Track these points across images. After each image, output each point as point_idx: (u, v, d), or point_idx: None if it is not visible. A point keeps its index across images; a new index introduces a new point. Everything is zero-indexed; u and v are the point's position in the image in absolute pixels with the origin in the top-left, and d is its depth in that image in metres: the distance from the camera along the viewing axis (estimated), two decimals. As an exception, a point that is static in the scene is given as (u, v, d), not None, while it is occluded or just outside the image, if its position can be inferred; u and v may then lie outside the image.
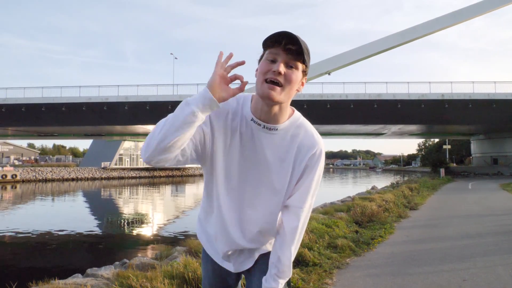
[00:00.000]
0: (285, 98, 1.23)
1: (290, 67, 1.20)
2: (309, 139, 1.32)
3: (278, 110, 1.26)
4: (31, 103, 32.93)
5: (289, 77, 1.20)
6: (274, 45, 1.19)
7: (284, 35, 1.17)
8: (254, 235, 1.43)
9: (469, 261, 4.85)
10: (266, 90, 1.19)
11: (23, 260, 9.37)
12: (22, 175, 42.25)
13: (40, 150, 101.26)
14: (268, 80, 1.19)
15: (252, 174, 1.34)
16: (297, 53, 1.19)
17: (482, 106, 31.68)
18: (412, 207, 10.99)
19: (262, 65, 1.21)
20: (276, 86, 1.19)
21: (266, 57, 1.21)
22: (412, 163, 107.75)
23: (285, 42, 1.17)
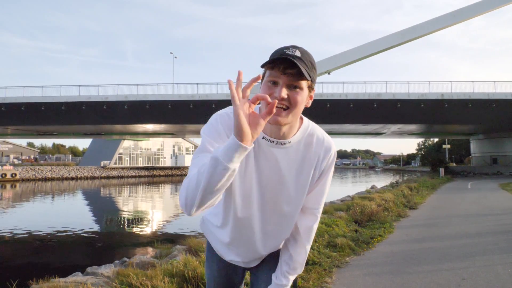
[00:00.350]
0: (293, 119, 1.18)
1: (293, 88, 1.14)
2: (323, 144, 1.30)
3: (287, 127, 1.23)
4: (30, 102, 32.89)
5: (294, 99, 1.14)
6: (273, 68, 1.13)
7: (281, 60, 1.11)
8: (274, 246, 1.46)
9: (469, 260, 4.87)
10: (273, 116, 1.12)
11: (24, 259, 9.37)
12: (21, 174, 42.25)
13: (39, 149, 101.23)
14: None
15: (270, 191, 1.31)
16: (298, 74, 1.12)
17: (482, 106, 31.69)
18: (411, 207, 11.01)
19: (264, 88, 1.16)
20: (282, 110, 1.14)
21: (267, 79, 1.15)
22: (411, 162, 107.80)
23: (283, 67, 1.11)
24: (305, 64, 1.12)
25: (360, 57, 38.62)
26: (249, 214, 1.34)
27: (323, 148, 1.30)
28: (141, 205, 21.97)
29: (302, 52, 1.14)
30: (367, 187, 20.28)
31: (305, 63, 1.13)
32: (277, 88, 1.13)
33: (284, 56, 1.10)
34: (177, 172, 60.36)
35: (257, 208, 1.34)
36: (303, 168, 1.30)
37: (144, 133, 50.40)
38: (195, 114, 32.95)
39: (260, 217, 1.36)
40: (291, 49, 1.13)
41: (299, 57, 1.12)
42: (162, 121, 36.36)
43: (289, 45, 1.16)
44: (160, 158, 71.66)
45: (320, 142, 1.30)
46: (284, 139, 1.25)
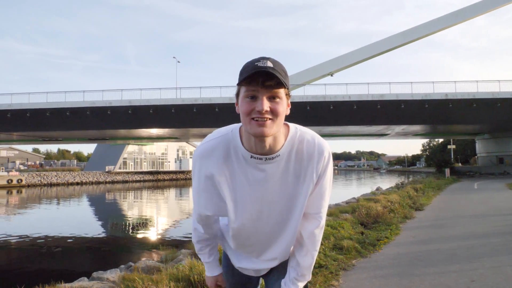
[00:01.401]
0: (277, 129, 1.18)
1: (273, 98, 1.15)
2: (314, 148, 1.27)
3: (272, 140, 1.21)
4: (36, 108, 33.09)
5: (276, 111, 1.14)
6: (251, 82, 1.13)
7: (260, 74, 1.11)
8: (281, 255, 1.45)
9: (477, 262, 4.81)
10: (257, 129, 1.13)
11: (29, 264, 9.40)
12: (27, 179, 42.48)
13: (45, 155, 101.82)
14: (255, 119, 1.14)
15: (267, 205, 1.32)
16: (277, 85, 1.13)
17: (487, 105, 31.50)
18: (417, 208, 10.93)
19: (243, 104, 1.15)
20: (265, 121, 1.14)
21: (245, 95, 1.15)
22: (416, 163, 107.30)
23: (261, 80, 1.12)
24: (279, 74, 1.12)
25: (362, 58, 38.67)
26: (245, 227, 1.35)
27: (316, 151, 1.27)
28: (146, 209, 22.00)
29: (273, 62, 1.14)
30: (372, 188, 20.19)
31: (279, 72, 1.13)
32: (257, 102, 1.13)
33: (260, 69, 1.10)
34: (181, 176, 60.43)
35: (254, 221, 1.34)
36: (298, 176, 1.28)
37: (148, 137, 50.54)
38: (198, 118, 33.03)
39: (259, 229, 1.36)
40: (261, 61, 1.13)
41: (272, 67, 1.12)
42: (166, 125, 36.45)
43: (258, 58, 1.16)
44: (164, 162, 71.79)
45: (311, 146, 1.27)
46: (272, 154, 1.23)
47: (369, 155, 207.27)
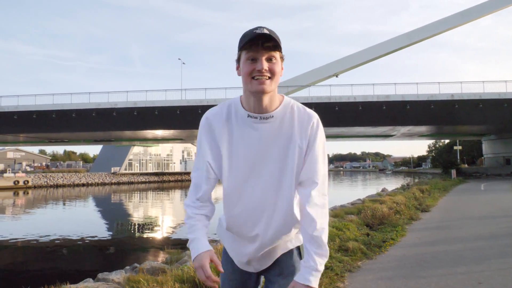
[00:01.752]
0: (274, 87, 1.33)
1: (270, 60, 1.31)
2: (304, 114, 1.39)
3: (268, 100, 1.35)
4: (42, 110, 33.36)
5: (273, 69, 1.31)
6: (251, 46, 1.28)
7: (260, 36, 1.26)
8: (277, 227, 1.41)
9: (484, 263, 4.76)
10: (257, 86, 1.29)
11: (35, 265, 9.45)
12: (33, 181, 42.79)
13: (51, 156, 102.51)
14: (256, 78, 1.29)
15: (260, 166, 1.38)
16: (274, 47, 1.30)
17: (493, 106, 31.26)
18: (423, 209, 10.85)
19: (245, 66, 1.31)
20: (265, 79, 1.29)
21: (246, 57, 1.31)
22: (422, 164, 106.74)
23: (262, 41, 1.28)
24: (277, 39, 1.30)
25: (368, 59, 38.56)
26: (236, 187, 1.40)
27: (305, 117, 1.39)
28: (151, 210, 22.05)
29: (269, 30, 1.29)
30: (378, 190, 20.09)
31: (277, 37, 1.30)
32: (257, 63, 1.29)
33: (262, 33, 1.27)
34: (186, 177, 60.54)
35: (246, 181, 1.39)
36: (289, 138, 1.37)
37: (153, 139, 50.72)
38: (204, 119, 33.08)
39: (249, 193, 1.40)
40: (259, 29, 1.28)
41: (268, 33, 1.28)
42: (171, 126, 36.56)
43: (255, 27, 1.31)
44: (170, 163, 71.99)
45: (302, 112, 1.39)
46: (266, 113, 1.36)
47: (374, 156, 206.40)
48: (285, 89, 35.13)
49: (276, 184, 1.38)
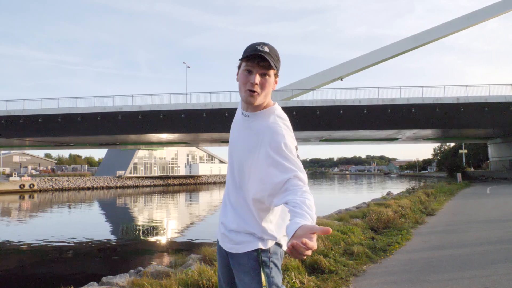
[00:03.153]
0: (262, 100, 1.53)
1: (263, 75, 1.49)
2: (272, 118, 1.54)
3: (257, 105, 1.55)
4: (48, 114, 33.57)
5: (263, 85, 1.50)
6: (249, 61, 1.48)
7: (256, 56, 1.45)
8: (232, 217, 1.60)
9: (490, 268, 4.71)
10: (247, 98, 1.50)
11: (40, 268, 9.48)
12: (39, 184, 43.02)
13: (56, 160, 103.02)
14: (248, 89, 1.49)
15: (240, 150, 1.60)
16: (268, 67, 1.48)
17: (499, 109, 31.03)
18: (429, 213, 10.78)
19: (241, 76, 1.52)
20: (254, 93, 1.49)
21: (244, 68, 1.50)
22: (427, 168, 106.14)
23: (257, 60, 1.46)
24: (272, 58, 1.48)
25: (372, 62, 38.47)
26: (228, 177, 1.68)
27: (271, 119, 1.53)
28: (156, 214, 22.09)
29: (270, 48, 1.49)
30: (383, 193, 19.96)
31: (272, 57, 1.48)
32: (252, 75, 1.48)
33: (258, 52, 1.45)
34: (191, 181, 60.63)
35: (231, 171, 1.65)
36: (256, 136, 1.52)
37: (158, 142, 50.85)
38: (208, 123, 33.14)
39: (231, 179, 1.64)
40: (261, 45, 1.48)
41: (268, 52, 1.47)
42: (176, 130, 36.65)
43: (259, 42, 1.50)
44: (175, 167, 72.11)
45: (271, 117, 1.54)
46: (246, 112, 1.58)
47: (379, 160, 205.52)
48: (290, 93, 35.14)
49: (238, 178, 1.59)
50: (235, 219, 1.59)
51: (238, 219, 1.58)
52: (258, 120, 1.55)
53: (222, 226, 1.66)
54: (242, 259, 1.54)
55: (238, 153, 1.60)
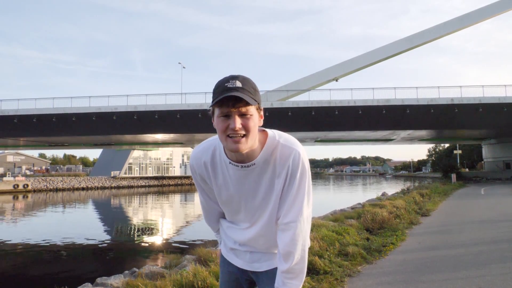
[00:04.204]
0: (251, 143, 1.29)
1: (244, 115, 1.25)
2: (285, 149, 1.36)
3: (248, 151, 1.33)
4: (42, 113, 33.35)
5: (247, 126, 1.26)
6: (222, 105, 1.24)
7: (229, 98, 1.22)
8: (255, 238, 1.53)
9: (485, 268, 4.74)
10: (232, 145, 1.26)
11: (33, 269, 9.41)
12: (33, 184, 42.71)
13: (51, 160, 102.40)
14: (230, 136, 1.26)
15: (248, 201, 1.46)
16: (246, 104, 1.24)
17: (493, 110, 31.28)
18: (423, 213, 10.83)
19: (218, 123, 1.27)
20: (240, 137, 1.25)
21: (219, 113, 1.26)
22: (422, 168, 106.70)
23: (232, 103, 1.23)
24: (249, 92, 1.25)
25: (368, 63, 38.63)
26: (232, 217, 1.56)
27: (286, 151, 1.36)
28: (151, 214, 22.00)
29: (242, 81, 1.25)
30: (378, 194, 20.04)
31: (248, 91, 1.25)
32: (230, 120, 1.25)
33: (229, 93, 1.21)
34: (186, 181, 60.44)
35: (239, 215, 1.52)
36: (271, 177, 1.39)
37: (153, 143, 50.70)
38: (204, 123, 33.09)
39: (242, 221, 1.53)
40: (231, 82, 1.24)
41: (241, 87, 1.23)
42: (171, 130, 36.57)
43: (228, 77, 1.27)
44: (170, 167, 71.93)
45: (283, 148, 1.37)
46: (248, 162, 1.36)
47: (374, 160, 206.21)
48: (285, 93, 35.18)
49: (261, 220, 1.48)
50: (264, 243, 1.53)
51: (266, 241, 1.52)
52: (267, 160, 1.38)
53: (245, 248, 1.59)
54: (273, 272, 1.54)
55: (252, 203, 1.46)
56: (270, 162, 1.37)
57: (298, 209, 1.37)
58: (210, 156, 1.44)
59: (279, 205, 1.42)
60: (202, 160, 1.45)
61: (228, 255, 1.66)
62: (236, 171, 1.39)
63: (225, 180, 1.44)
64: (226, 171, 1.42)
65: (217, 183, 1.46)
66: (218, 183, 1.46)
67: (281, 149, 1.36)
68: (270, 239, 1.50)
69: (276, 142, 1.37)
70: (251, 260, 1.57)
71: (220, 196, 1.49)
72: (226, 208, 1.54)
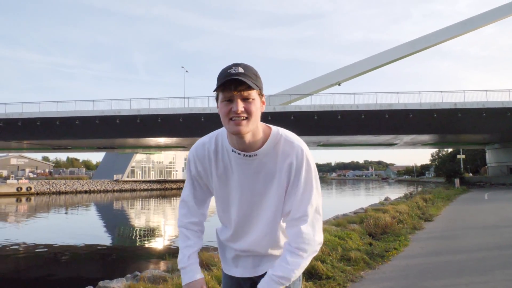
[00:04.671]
0: (253, 127, 1.32)
1: (247, 100, 1.29)
2: (288, 145, 1.38)
3: (251, 137, 1.35)
4: (46, 117, 33.50)
5: (249, 110, 1.29)
6: (225, 89, 1.28)
7: (232, 81, 1.26)
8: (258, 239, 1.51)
9: (488, 274, 4.71)
10: (234, 128, 1.29)
11: (36, 272, 9.42)
12: (36, 187, 42.85)
13: (54, 163, 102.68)
14: (233, 119, 1.29)
15: (247, 193, 1.45)
16: (248, 88, 1.28)
17: (497, 115, 31.16)
18: (426, 219, 10.78)
19: (221, 107, 1.31)
20: (241, 120, 1.28)
21: (222, 98, 1.30)
22: (425, 173, 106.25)
23: (233, 86, 1.27)
24: (250, 78, 1.28)
25: (370, 68, 38.63)
26: (231, 217, 1.52)
27: (289, 148, 1.38)
28: (153, 218, 22.00)
29: (244, 68, 1.30)
30: (381, 198, 19.99)
31: (250, 76, 1.29)
32: (233, 104, 1.29)
33: (231, 76, 1.26)
34: (189, 185, 60.40)
35: (238, 212, 1.49)
36: (273, 171, 1.40)
37: (156, 146, 50.79)
38: (206, 127, 33.02)
39: (241, 221, 1.50)
40: (233, 68, 1.29)
41: (243, 73, 1.28)
42: (174, 134, 36.63)
43: (231, 64, 1.31)
44: (172, 171, 72.01)
45: (286, 143, 1.39)
46: (251, 151, 1.38)
47: (377, 165, 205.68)
48: (287, 97, 35.20)
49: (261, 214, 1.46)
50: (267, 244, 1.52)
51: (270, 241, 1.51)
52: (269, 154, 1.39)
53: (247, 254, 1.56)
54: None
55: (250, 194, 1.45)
56: (272, 155, 1.39)
57: (308, 203, 1.38)
58: (213, 144, 1.46)
59: (287, 201, 1.41)
60: (206, 147, 1.47)
61: (226, 267, 1.64)
62: (237, 159, 1.40)
63: (225, 168, 1.45)
64: (227, 159, 1.43)
65: (217, 172, 1.46)
66: (218, 172, 1.46)
67: (283, 144, 1.39)
68: (274, 239, 1.50)
69: (279, 137, 1.39)
70: (253, 265, 1.56)
71: (219, 187, 1.49)
72: (223, 200, 1.51)
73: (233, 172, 1.44)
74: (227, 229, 1.58)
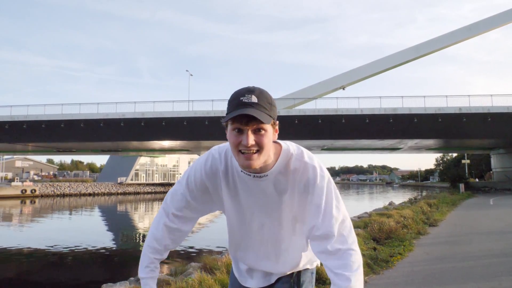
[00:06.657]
0: (264, 159, 1.22)
1: (258, 131, 1.18)
2: (299, 164, 1.30)
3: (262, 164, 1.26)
4: (51, 119, 33.75)
5: (261, 143, 1.18)
6: (235, 120, 1.17)
7: (243, 116, 1.15)
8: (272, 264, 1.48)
9: (494, 280, 4.66)
10: (244, 162, 1.19)
11: (39, 274, 9.44)
12: (41, 190, 43.06)
13: (58, 166, 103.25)
14: (242, 151, 1.18)
15: (257, 212, 1.39)
16: (260, 122, 1.16)
17: (502, 119, 31.00)
18: (431, 224, 10.71)
19: (231, 136, 1.20)
20: (252, 154, 1.18)
21: (232, 127, 1.19)
22: (430, 178, 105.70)
23: (245, 121, 1.16)
24: (264, 108, 1.17)
25: (375, 72, 38.61)
26: (243, 237, 1.47)
27: (300, 165, 1.30)
28: (157, 221, 22.00)
29: (258, 96, 1.18)
30: (385, 203, 19.89)
31: (264, 106, 1.17)
32: (243, 135, 1.17)
33: (243, 108, 1.14)
34: (192, 188, 60.49)
35: (249, 231, 1.44)
36: (284, 190, 1.32)
37: (160, 149, 50.93)
38: (210, 131, 33.21)
39: (254, 240, 1.45)
40: (246, 96, 1.17)
41: (256, 103, 1.16)
42: (178, 137, 36.73)
43: (243, 89, 1.19)
44: (176, 174, 72.12)
45: (297, 160, 1.30)
46: (261, 173, 1.28)
47: (381, 169, 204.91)
48: (292, 101, 35.24)
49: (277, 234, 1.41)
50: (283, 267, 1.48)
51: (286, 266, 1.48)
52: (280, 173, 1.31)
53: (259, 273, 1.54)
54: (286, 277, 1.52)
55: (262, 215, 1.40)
56: (284, 175, 1.30)
57: (330, 217, 1.29)
58: (223, 162, 1.37)
59: (309, 221, 1.33)
60: (216, 164, 1.37)
61: (242, 279, 1.59)
62: (247, 180, 1.32)
63: (235, 187, 1.37)
64: (237, 178, 1.35)
65: (228, 191, 1.39)
66: (229, 191, 1.39)
67: (294, 162, 1.30)
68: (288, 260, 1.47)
69: (290, 155, 1.30)
70: (265, 275, 1.53)
71: (229, 206, 1.42)
72: (232, 220, 1.45)
73: (242, 191, 1.36)
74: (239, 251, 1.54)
